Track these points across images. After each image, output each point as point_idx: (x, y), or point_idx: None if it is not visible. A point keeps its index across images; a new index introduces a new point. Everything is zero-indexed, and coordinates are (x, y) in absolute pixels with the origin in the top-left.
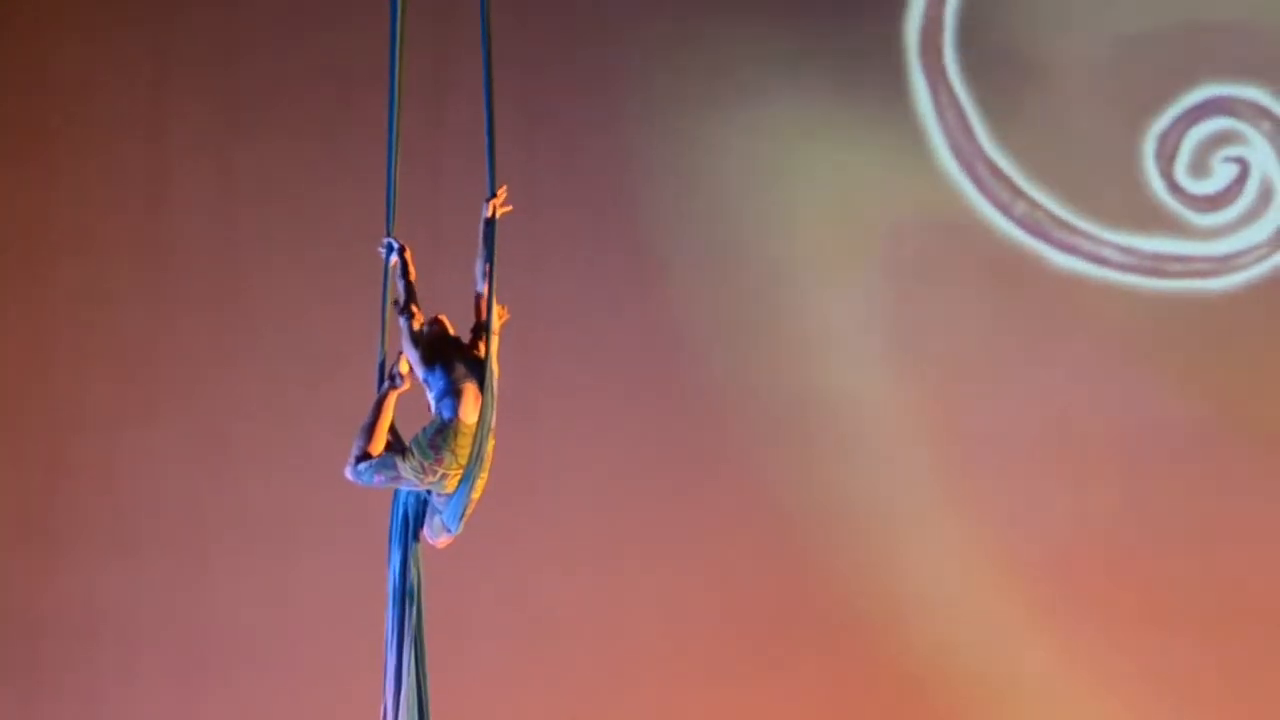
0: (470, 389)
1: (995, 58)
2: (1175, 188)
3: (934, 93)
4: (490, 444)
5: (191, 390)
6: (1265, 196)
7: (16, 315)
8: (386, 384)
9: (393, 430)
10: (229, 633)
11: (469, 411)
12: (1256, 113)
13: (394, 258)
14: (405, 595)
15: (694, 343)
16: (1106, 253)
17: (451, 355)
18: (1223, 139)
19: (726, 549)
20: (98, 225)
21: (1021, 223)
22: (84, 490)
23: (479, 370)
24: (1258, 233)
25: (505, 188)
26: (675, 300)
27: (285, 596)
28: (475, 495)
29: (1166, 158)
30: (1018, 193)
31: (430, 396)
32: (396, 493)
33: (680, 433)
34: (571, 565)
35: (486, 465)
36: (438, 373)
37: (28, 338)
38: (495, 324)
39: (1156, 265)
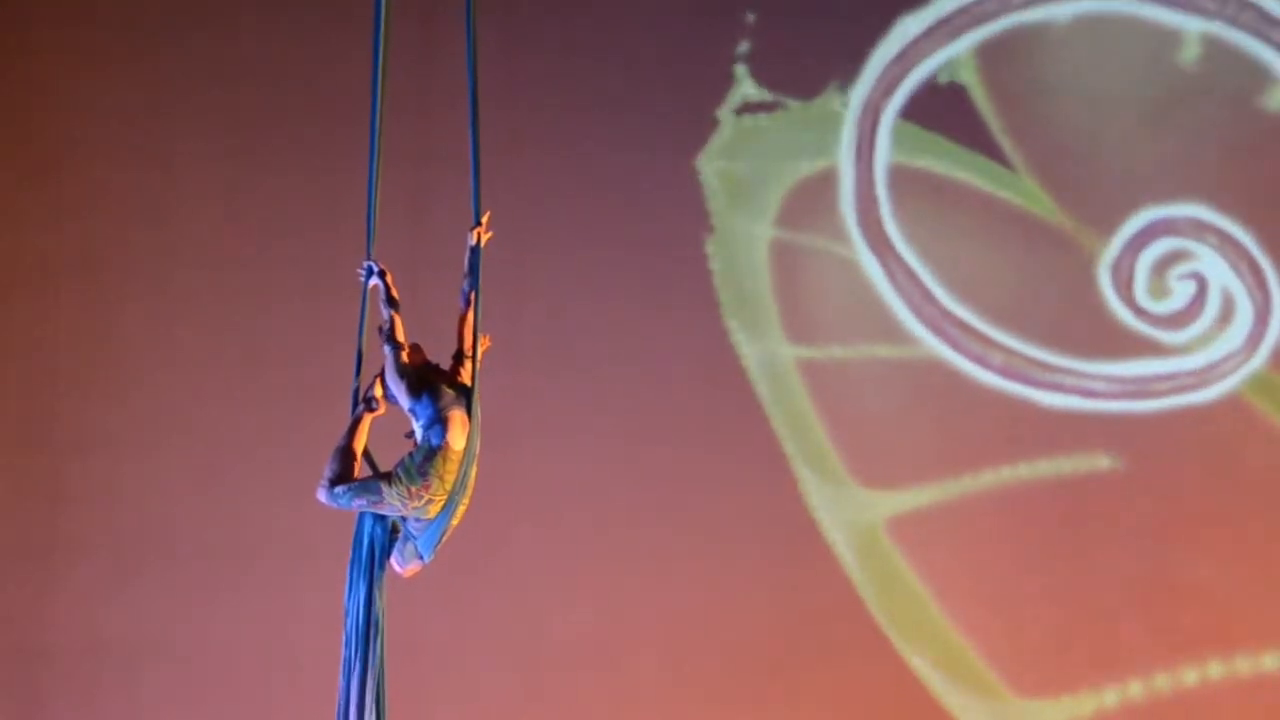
0: (457, 415)
1: (934, 220)
2: (1140, 312)
3: (883, 263)
4: (473, 470)
5: (194, 417)
6: (1228, 304)
7: (19, 341)
8: (361, 407)
9: (367, 456)
10: (231, 661)
11: (457, 437)
12: (1198, 228)
13: (374, 281)
14: (370, 626)
15: (693, 362)
16: (1092, 384)
17: (437, 382)
18: (1173, 259)
19: (727, 571)
20: (100, 251)
21: (1003, 372)
22: (85, 517)
23: (464, 396)
24: (1231, 340)
25: (489, 215)
26: (675, 318)
27: (287, 624)
28: (454, 522)
29: (1124, 285)
30: (991, 343)
31: (417, 425)
32: (361, 520)
33: (679, 453)
34: (566, 589)
35: (469, 491)
36: (424, 401)
37: (30, 364)
38: (478, 351)
39: (1143, 387)
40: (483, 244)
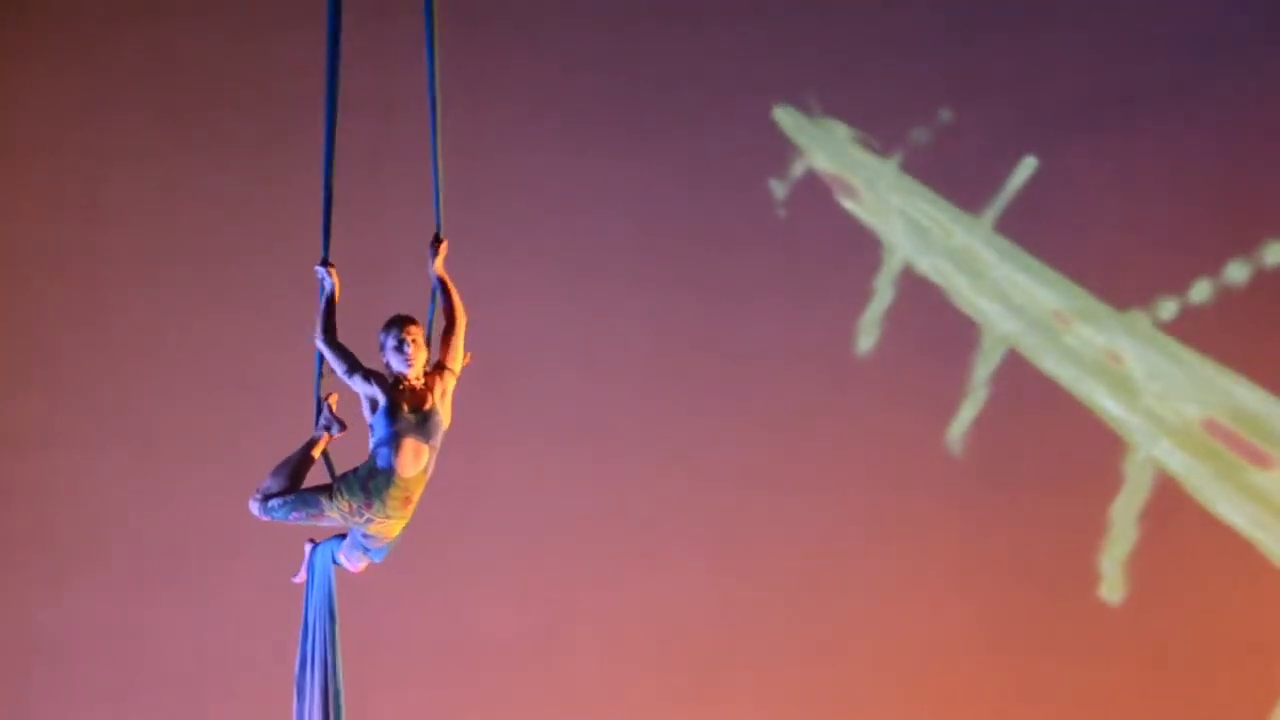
0: (410, 443)
1: None
2: None
3: None
4: (419, 492)
5: (130, 414)
6: None
7: None
8: (323, 430)
9: (325, 458)
10: (165, 659)
11: (407, 466)
12: None
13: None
14: (329, 617)
15: (646, 364)
16: None
17: (399, 402)
18: None
19: (672, 574)
20: (35, 247)
21: None
22: (19, 515)
23: (424, 424)
24: None
25: (446, 243)
26: (630, 321)
27: (221, 622)
28: (394, 535)
29: None
30: None
31: (371, 438)
32: (313, 559)
33: (626, 456)
34: (514, 591)
35: (411, 510)
36: (383, 420)
37: None
38: (457, 368)
39: None
40: (442, 259)
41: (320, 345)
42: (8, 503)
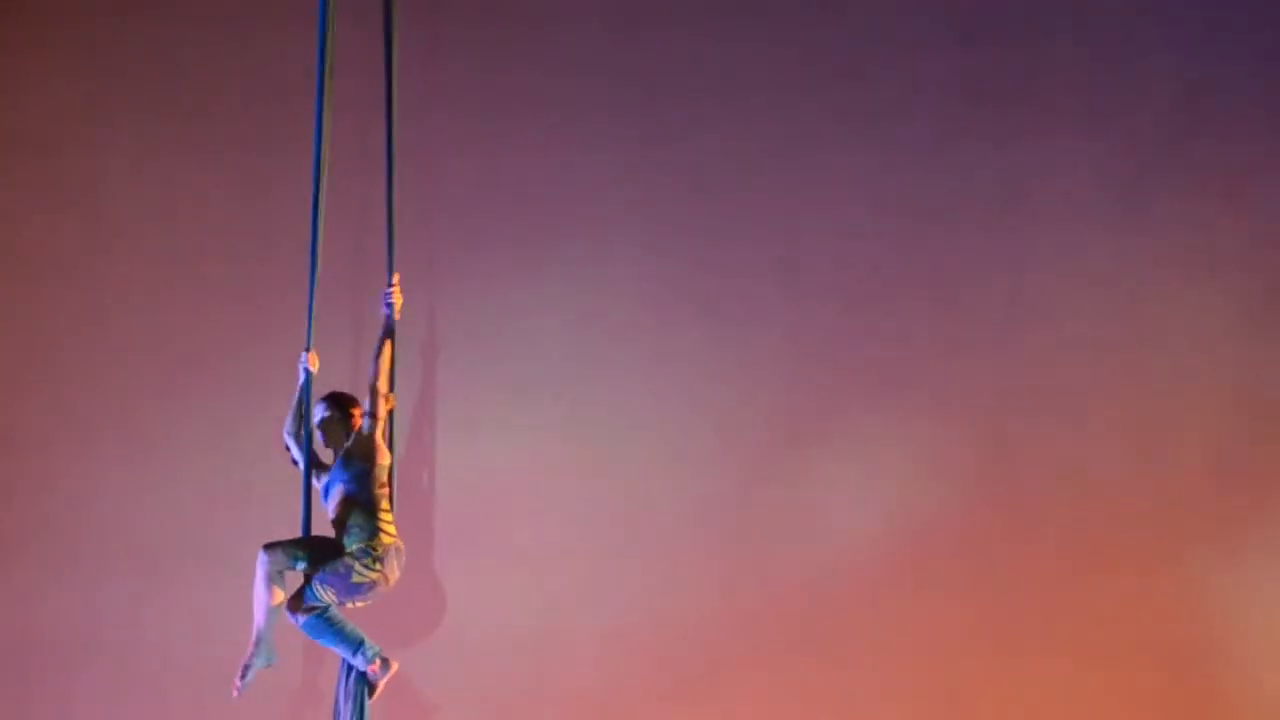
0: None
1: None
2: None
3: None
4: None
5: (128, 415)
6: None
7: None
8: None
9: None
10: (164, 661)
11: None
12: None
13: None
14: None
15: (633, 359)
16: None
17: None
18: None
19: (672, 573)
20: (33, 242)
21: None
22: (17, 516)
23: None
24: None
25: (399, 275)
26: (632, 320)
27: (220, 624)
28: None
29: None
30: None
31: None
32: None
33: (627, 456)
34: (514, 591)
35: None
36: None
37: None
38: (381, 410)
39: None
40: (397, 307)
41: (290, 440)
42: (8, 503)
